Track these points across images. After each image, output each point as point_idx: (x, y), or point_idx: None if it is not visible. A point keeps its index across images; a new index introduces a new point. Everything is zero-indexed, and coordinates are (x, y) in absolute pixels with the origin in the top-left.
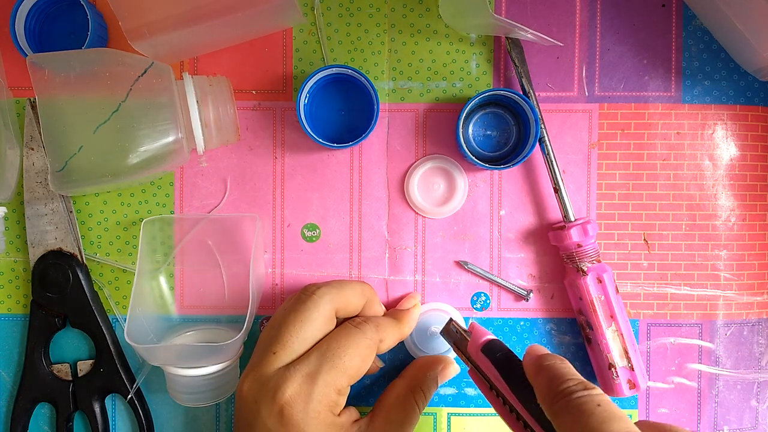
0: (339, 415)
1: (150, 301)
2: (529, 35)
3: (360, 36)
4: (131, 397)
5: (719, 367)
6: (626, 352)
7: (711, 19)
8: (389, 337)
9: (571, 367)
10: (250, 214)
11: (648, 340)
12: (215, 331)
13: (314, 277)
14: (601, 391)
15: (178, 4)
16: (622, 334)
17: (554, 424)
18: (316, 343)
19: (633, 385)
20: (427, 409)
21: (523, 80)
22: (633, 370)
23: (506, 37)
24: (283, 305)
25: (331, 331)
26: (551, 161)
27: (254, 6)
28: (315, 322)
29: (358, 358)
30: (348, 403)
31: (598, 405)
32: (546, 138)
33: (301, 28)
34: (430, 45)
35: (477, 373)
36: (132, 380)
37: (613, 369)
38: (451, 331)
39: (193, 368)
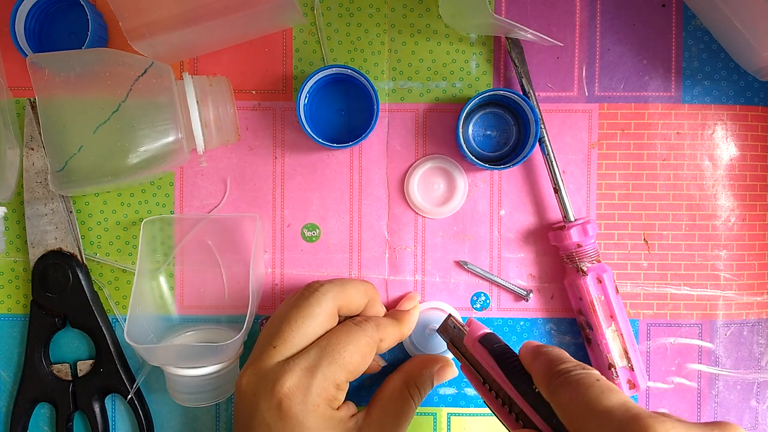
0: (337, 409)
1: (150, 301)
2: (529, 35)
3: (360, 36)
4: (131, 397)
5: (719, 367)
6: (626, 352)
7: (711, 19)
8: (389, 337)
9: (567, 353)
10: (250, 214)
11: (648, 340)
12: (215, 331)
13: (314, 277)
14: (598, 371)
15: (178, 4)
16: (622, 334)
17: (552, 403)
18: (317, 339)
19: (633, 385)
20: (427, 409)
21: (523, 80)
22: (633, 370)
23: (506, 37)
24: (285, 301)
25: (332, 328)
26: (551, 161)
27: (254, 6)
28: (317, 318)
29: (358, 355)
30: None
31: (597, 380)
32: (546, 138)
33: (301, 28)
34: (430, 45)
35: (470, 369)
36: (132, 380)
37: (613, 369)
38: (448, 327)
39: (193, 368)
